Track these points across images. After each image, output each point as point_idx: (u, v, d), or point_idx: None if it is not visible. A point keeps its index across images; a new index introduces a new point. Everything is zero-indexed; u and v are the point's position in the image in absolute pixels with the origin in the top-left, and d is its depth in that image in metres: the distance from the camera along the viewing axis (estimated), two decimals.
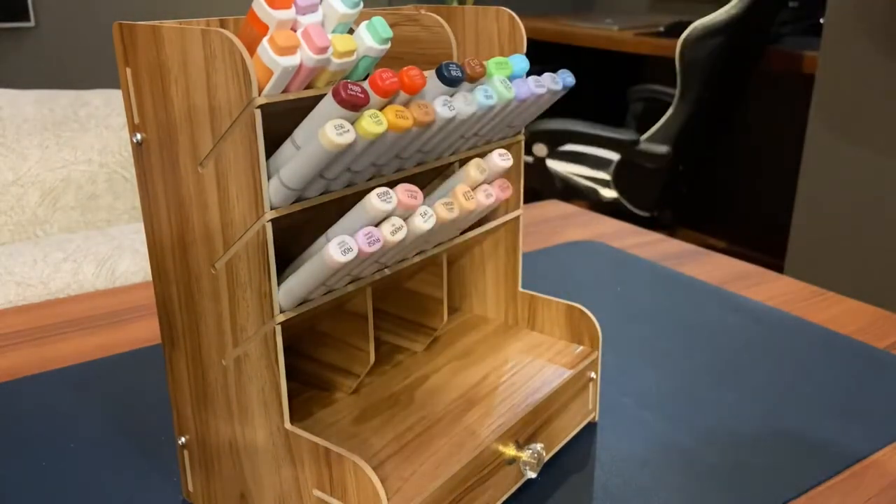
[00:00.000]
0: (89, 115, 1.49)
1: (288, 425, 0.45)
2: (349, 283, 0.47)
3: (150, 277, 0.48)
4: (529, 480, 0.54)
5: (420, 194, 0.42)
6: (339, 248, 0.39)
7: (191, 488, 0.53)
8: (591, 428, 0.62)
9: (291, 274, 0.43)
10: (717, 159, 2.95)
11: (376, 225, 0.41)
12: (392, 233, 0.41)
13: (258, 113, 0.39)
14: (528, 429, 0.53)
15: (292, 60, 0.39)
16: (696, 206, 3.03)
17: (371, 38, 0.42)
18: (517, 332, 0.66)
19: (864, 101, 1.68)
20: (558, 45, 2.82)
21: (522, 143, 0.59)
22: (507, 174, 0.61)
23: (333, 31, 0.42)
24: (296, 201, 0.42)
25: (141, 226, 1.25)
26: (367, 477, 0.42)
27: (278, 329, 0.43)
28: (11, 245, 1.19)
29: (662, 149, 2.28)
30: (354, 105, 0.38)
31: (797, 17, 2.59)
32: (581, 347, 0.62)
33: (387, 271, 0.49)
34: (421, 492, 0.45)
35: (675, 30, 2.43)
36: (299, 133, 0.41)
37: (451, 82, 0.43)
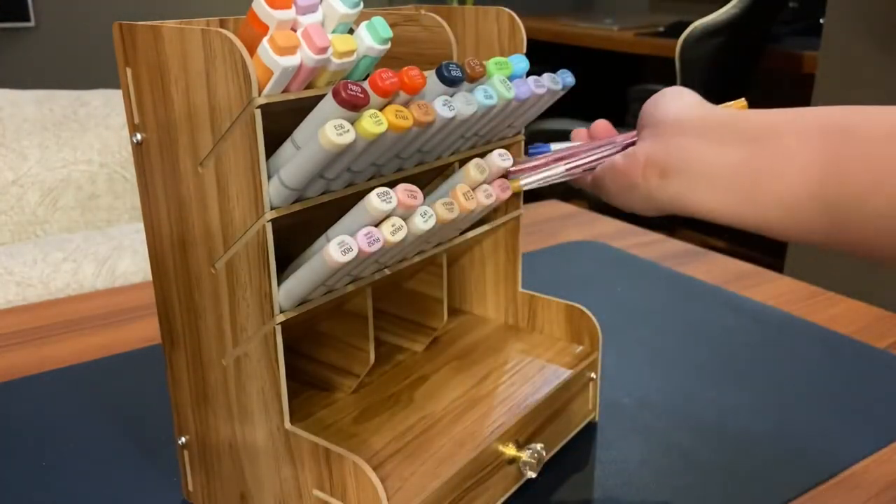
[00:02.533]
0: (89, 115, 1.49)
1: (288, 425, 0.45)
2: (349, 283, 0.47)
3: (150, 277, 0.48)
4: (529, 480, 0.54)
5: (420, 194, 0.42)
6: (339, 248, 0.39)
7: (191, 488, 0.53)
8: (591, 428, 0.62)
9: (291, 274, 0.43)
10: None
11: (376, 225, 0.41)
12: (392, 233, 0.41)
13: (258, 113, 0.39)
14: (528, 429, 0.53)
15: (292, 60, 0.39)
16: None
17: (371, 38, 0.42)
18: (517, 332, 0.66)
19: (864, 101, 1.68)
20: (558, 45, 2.82)
21: (522, 143, 0.59)
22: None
23: (333, 31, 0.42)
24: (296, 201, 0.42)
25: (141, 226, 1.25)
26: (367, 477, 0.42)
27: (278, 329, 0.43)
28: (11, 245, 1.19)
29: None
30: (354, 105, 0.38)
31: (797, 17, 2.58)
32: (581, 347, 0.62)
33: (387, 271, 0.49)
34: (421, 492, 0.45)
35: (675, 30, 2.42)
36: (299, 133, 0.41)
37: (451, 82, 0.43)
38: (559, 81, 0.51)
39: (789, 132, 0.39)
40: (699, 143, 0.41)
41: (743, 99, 0.50)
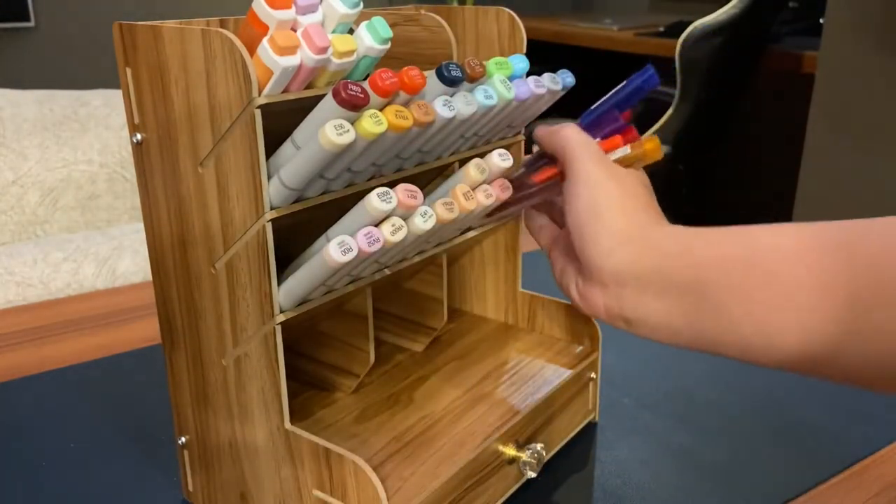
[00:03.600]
0: (89, 115, 1.49)
1: (288, 425, 0.45)
2: (349, 283, 0.47)
3: (150, 277, 0.48)
4: (529, 480, 0.54)
5: (420, 194, 0.42)
6: (339, 248, 0.39)
7: (191, 488, 0.53)
8: (591, 428, 0.62)
9: (291, 274, 0.43)
10: (718, 159, 2.96)
11: (376, 225, 0.41)
12: (392, 233, 0.41)
13: (258, 113, 0.39)
14: (528, 429, 0.53)
15: (292, 60, 0.39)
16: (696, 206, 3.03)
17: (371, 38, 0.42)
18: (517, 332, 0.66)
19: (864, 101, 1.68)
20: (558, 45, 2.82)
21: (522, 143, 0.59)
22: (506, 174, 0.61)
23: (333, 31, 0.42)
24: (296, 201, 0.42)
25: (141, 226, 1.25)
26: (367, 477, 0.42)
27: (278, 329, 0.43)
28: (11, 245, 1.19)
29: (662, 149, 2.28)
30: (354, 105, 0.38)
31: (797, 17, 2.58)
32: (581, 347, 0.62)
33: (387, 271, 0.49)
34: (421, 492, 0.45)
35: (675, 30, 2.42)
36: (299, 133, 0.41)
37: (451, 82, 0.43)
38: (559, 81, 0.51)
39: (722, 285, 0.38)
40: (644, 298, 0.41)
41: (655, 137, 0.47)
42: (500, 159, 0.49)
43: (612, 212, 0.43)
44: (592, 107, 0.49)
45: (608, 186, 0.44)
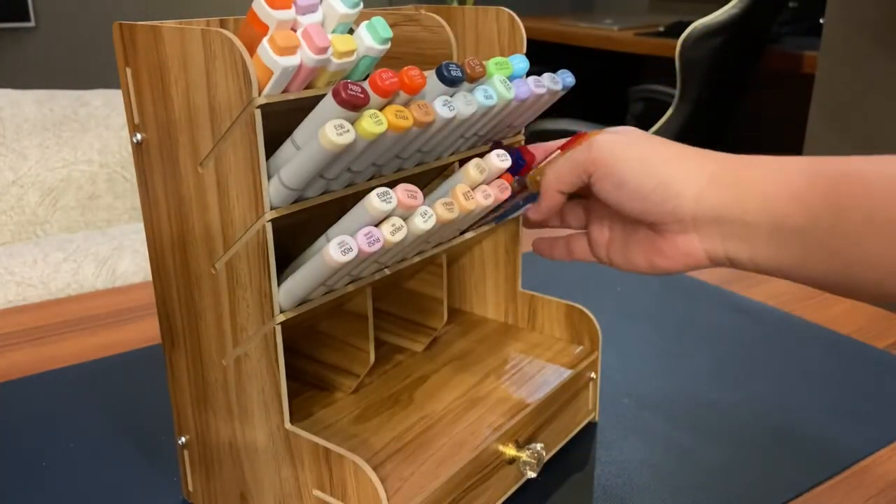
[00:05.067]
0: (89, 115, 1.49)
1: (288, 425, 0.45)
2: (349, 283, 0.47)
3: (150, 277, 0.49)
4: (529, 480, 0.54)
5: (420, 194, 0.42)
6: (339, 248, 0.39)
7: (191, 488, 0.53)
8: (591, 428, 0.62)
9: (291, 274, 0.43)
10: None
11: (376, 225, 0.41)
12: (392, 233, 0.41)
13: (258, 113, 0.39)
14: (528, 429, 0.53)
15: (292, 60, 0.39)
16: None
17: (371, 38, 0.42)
18: (517, 332, 0.66)
19: (864, 101, 1.68)
20: (558, 45, 2.82)
21: (522, 143, 0.59)
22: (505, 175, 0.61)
23: (333, 31, 0.42)
24: (296, 201, 0.42)
25: (141, 226, 1.25)
26: (367, 477, 0.42)
27: (278, 329, 0.43)
28: (11, 245, 1.19)
29: None
30: (354, 105, 0.38)
31: (797, 17, 2.58)
32: (581, 347, 0.62)
33: (387, 271, 0.49)
34: (421, 492, 0.45)
35: (675, 30, 2.43)
36: (299, 133, 0.41)
37: (451, 82, 0.43)
38: (559, 81, 0.51)
39: (837, 231, 0.39)
40: (751, 240, 0.42)
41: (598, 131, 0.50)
42: (499, 160, 0.49)
43: (674, 163, 0.44)
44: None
45: (645, 148, 0.45)
